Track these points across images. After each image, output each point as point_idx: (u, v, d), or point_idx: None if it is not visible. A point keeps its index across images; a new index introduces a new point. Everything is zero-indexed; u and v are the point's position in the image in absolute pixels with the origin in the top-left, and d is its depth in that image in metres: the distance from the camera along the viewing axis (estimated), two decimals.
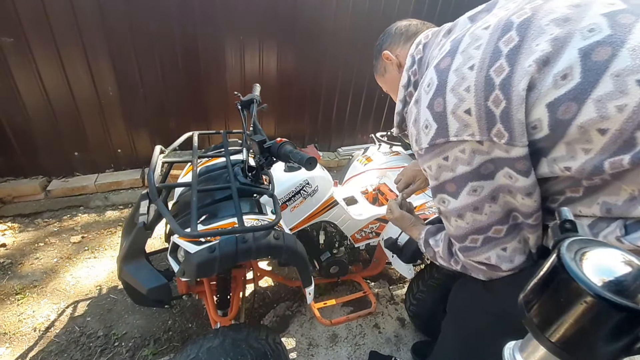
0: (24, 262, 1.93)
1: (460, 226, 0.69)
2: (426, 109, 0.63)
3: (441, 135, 0.61)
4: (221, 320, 1.25)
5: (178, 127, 2.67)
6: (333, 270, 1.57)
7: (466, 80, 0.57)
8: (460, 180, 0.64)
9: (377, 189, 1.79)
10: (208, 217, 1.04)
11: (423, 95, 0.65)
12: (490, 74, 0.55)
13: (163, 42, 2.37)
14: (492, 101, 0.55)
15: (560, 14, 0.52)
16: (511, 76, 0.53)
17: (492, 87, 0.55)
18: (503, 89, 0.54)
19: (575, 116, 0.50)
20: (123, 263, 1.06)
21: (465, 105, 0.57)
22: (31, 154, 2.38)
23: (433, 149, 0.64)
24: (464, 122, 0.58)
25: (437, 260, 0.86)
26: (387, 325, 1.74)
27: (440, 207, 0.72)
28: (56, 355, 1.47)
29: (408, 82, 0.82)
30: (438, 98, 0.61)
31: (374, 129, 3.55)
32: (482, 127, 0.57)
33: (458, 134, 0.59)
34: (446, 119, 0.60)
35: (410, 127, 0.70)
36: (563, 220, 0.39)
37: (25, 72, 2.12)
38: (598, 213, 0.57)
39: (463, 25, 0.71)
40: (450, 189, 0.67)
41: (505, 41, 0.55)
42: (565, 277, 0.32)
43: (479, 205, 0.64)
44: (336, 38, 2.87)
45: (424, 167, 0.70)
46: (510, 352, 0.39)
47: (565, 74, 0.50)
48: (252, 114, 1.29)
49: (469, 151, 0.60)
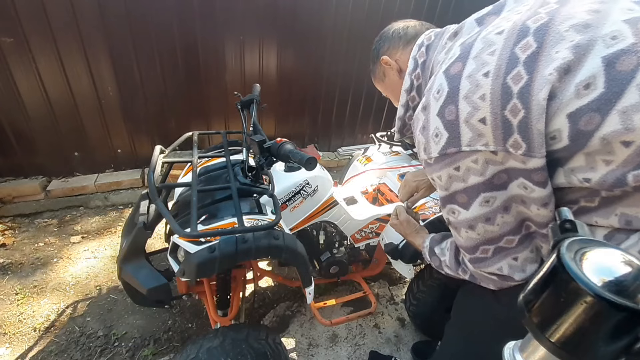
0: (24, 262, 1.93)
1: (471, 237, 0.67)
2: (436, 116, 0.61)
3: (453, 145, 0.59)
4: (221, 320, 1.25)
5: (178, 127, 2.67)
6: (333, 270, 1.57)
7: (481, 87, 0.55)
8: (472, 191, 0.62)
9: (377, 189, 1.79)
10: (208, 217, 1.05)
11: (432, 102, 0.62)
12: (507, 82, 0.53)
13: (163, 42, 2.37)
14: (510, 110, 0.52)
15: (579, 20, 0.50)
16: (530, 85, 0.51)
17: (510, 96, 0.52)
18: (521, 98, 0.51)
19: (598, 127, 0.48)
20: (123, 263, 1.06)
21: (480, 114, 0.55)
22: (31, 154, 2.38)
23: (443, 158, 0.61)
24: (478, 131, 0.56)
25: (443, 269, 0.84)
26: (387, 325, 1.74)
27: (449, 217, 0.69)
28: (56, 355, 1.47)
29: (411, 86, 0.80)
30: (450, 106, 0.58)
31: (374, 129, 3.55)
32: (498, 137, 0.54)
33: (471, 143, 0.57)
34: (458, 127, 0.57)
35: (418, 135, 0.67)
36: (563, 220, 0.39)
37: (25, 72, 2.12)
38: (616, 224, 0.55)
39: (470, 29, 0.68)
40: (461, 200, 0.64)
41: (522, 47, 0.53)
42: (565, 277, 0.32)
43: (491, 216, 0.62)
44: (336, 38, 2.87)
45: (432, 176, 0.67)
46: (510, 352, 0.39)
47: (588, 83, 0.48)
48: (252, 114, 1.29)
49: (482, 161, 0.58)
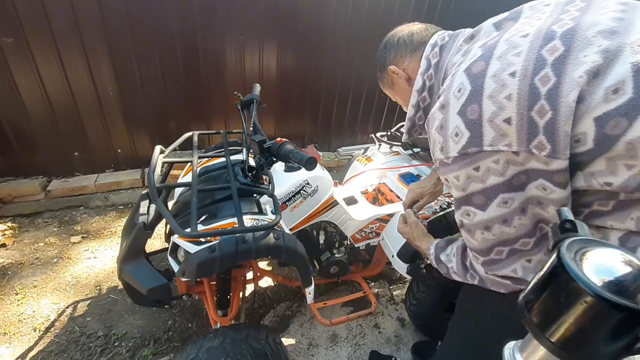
0: (24, 262, 1.93)
1: (486, 238, 0.66)
2: (457, 115, 0.60)
3: (474, 144, 0.58)
4: (221, 320, 1.25)
5: (178, 127, 2.67)
6: (333, 270, 1.57)
7: (507, 87, 0.54)
8: (491, 192, 0.61)
9: (377, 189, 1.79)
10: (208, 217, 1.05)
11: (453, 101, 0.61)
12: (535, 83, 0.52)
13: (163, 42, 2.37)
14: (537, 111, 0.52)
15: (606, 26, 0.51)
16: (558, 87, 0.51)
17: (537, 97, 0.52)
18: (550, 99, 0.51)
19: (625, 132, 0.49)
20: (123, 263, 1.06)
21: (505, 114, 0.54)
22: (31, 154, 2.38)
23: (463, 158, 0.60)
24: (502, 131, 0.55)
25: (451, 276, 0.83)
26: (387, 325, 1.74)
27: (463, 220, 0.68)
28: (56, 355, 1.47)
29: (423, 86, 0.79)
30: (472, 104, 0.58)
31: (374, 129, 3.55)
32: (522, 138, 0.54)
33: (493, 143, 0.56)
34: (481, 127, 0.57)
35: (434, 134, 0.65)
36: (563, 220, 0.39)
37: (25, 72, 2.12)
38: (633, 228, 0.55)
39: (489, 32, 0.68)
40: (477, 201, 0.63)
41: (549, 50, 0.53)
42: (565, 277, 0.32)
43: (509, 218, 0.62)
44: (336, 37, 2.87)
45: (448, 176, 0.65)
46: (510, 352, 0.39)
47: (616, 88, 0.48)
48: (252, 114, 1.29)
49: (502, 162, 0.57)
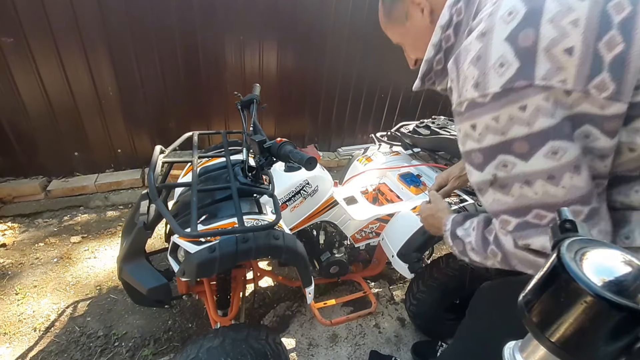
0: (24, 262, 1.93)
1: (525, 195, 0.54)
2: (504, 41, 0.50)
3: (523, 77, 0.48)
4: (221, 320, 1.25)
5: (178, 127, 2.68)
6: (333, 270, 1.57)
7: (574, 11, 0.46)
8: (537, 138, 0.50)
9: (377, 189, 1.79)
10: (208, 217, 1.05)
11: (500, 25, 0.51)
12: (608, 10, 0.45)
13: (163, 42, 2.37)
14: (605, 43, 0.45)
15: None
16: (634, 17, 0.45)
17: (609, 26, 0.45)
18: (623, 29, 0.45)
19: None
20: (123, 263, 1.06)
21: (568, 43, 0.46)
22: (31, 154, 2.38)
23: (507, 94, 0.50)
24: (559, 63, 0.47)
25: (467, 254, 0.72)
26: (387, 325, 1.74)
27: (498, 173, 0.56)
28: (56, 355, 1.47)
29: (449, 22, 0.65)
30: (527, 29, 0.48)
31: (374, 129, 3.55)
32: (581, 74, 0.46)
33: (547, 77, 0.47)
34: (535, 56, 0.48)
35: (466, 68, 0.54)
36: (563, 220, 0.38)
37: (25, 72, 2.12)
38: None
39: None
40: (519, 149, 0.52)
41: None
42: (565, 277, 0.32)
43: (557, 174, 0.51)
44: (336, 37, 2.87)
45: (484, 119, 0.54)
46: (510, 352, 0.39)
47: None
48: (252, 114, 1.29)
49: (552, 100, 0.48)
